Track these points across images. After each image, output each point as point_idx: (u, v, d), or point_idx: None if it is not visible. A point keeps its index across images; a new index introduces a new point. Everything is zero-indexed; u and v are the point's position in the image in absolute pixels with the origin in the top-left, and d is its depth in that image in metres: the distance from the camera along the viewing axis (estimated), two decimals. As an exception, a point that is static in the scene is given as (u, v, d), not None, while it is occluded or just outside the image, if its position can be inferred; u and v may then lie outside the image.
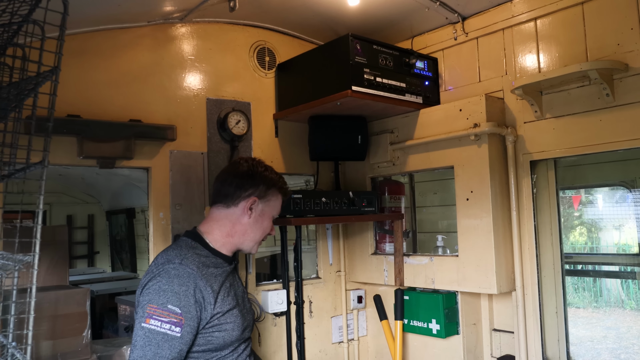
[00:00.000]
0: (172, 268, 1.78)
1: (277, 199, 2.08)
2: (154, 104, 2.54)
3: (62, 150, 2.25)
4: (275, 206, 2.08)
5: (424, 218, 3.74)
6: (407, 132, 2.85)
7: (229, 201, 1.99)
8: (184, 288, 1.74)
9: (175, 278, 1.76)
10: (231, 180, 2.01)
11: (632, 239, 7.47)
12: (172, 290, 1.73)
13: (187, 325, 1.72)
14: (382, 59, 2.61)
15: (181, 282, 1.75)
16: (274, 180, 2.06)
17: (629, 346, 7.01)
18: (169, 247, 1.98)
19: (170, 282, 1.75)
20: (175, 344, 1.70)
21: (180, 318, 1.71)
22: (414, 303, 2.83)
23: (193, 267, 1.80)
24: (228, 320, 1.86)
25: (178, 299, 1.72)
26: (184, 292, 1.74)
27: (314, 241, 3.27)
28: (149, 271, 1.85)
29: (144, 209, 5.82)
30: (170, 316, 1.70)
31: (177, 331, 1.70)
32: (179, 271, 1.77)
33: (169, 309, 1.71)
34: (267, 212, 2.05)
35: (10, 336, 1.60)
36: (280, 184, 2.09)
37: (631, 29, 2.19)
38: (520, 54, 2.57)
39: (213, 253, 1.96)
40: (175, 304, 1.71)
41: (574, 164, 3.66)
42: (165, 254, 1.89)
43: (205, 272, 1.84)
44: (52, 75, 1.40)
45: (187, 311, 1.73)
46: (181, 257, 1.83)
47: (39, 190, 1.44)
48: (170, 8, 2.53)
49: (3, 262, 1.60)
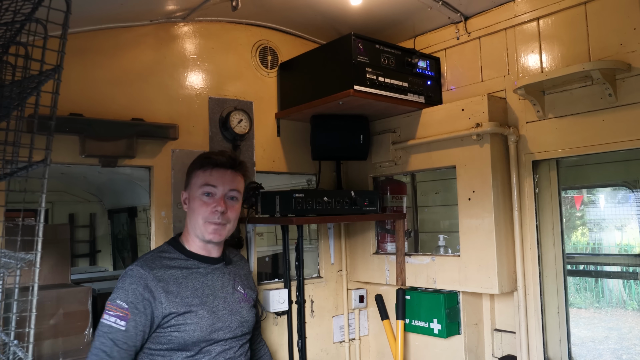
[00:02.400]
0: (129, 269, 1.91)
1: (196, 176, 2.03)
2: (156, 102, 2.54)
3: (65, 148, 2.26)
4: (196, 184, 2.02)
5: (426, 218, 3.74)
6: (409, 132, 2.84)
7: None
8: (134, 286, 1.86)
9: (127, 277, 1.89)
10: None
11: (634, 240, 7.45)
12: (122, 288, 1.86)
13: (132, 320, 1.82)
14: (384, 58, 2.61)
15: (131, 281, 1.87)
16: (191, 165, 2.09)
17: (631, 347, 6.99)
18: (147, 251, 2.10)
19: (123, 280, 1.88)
20: (119, 336, 1.80)
21: (126, 313, 1.82)
22: (415, 303, 2.83)
23: (146, 269, 1.90)
24: (187, 322, 1.88)
25: (126, 296, 1.84)
26: (133, 289, 1.85)
27: (315, 240, 3.27)
28: None
29: (145, 207, 5.81)
30: (117, 310, 1.82)
31: (122, 325, 1.81)
32: (133, 272, 1.89)
33: (117, 303, 1.83)
34: (192, 194, 2.03)
35: (12, 334, 1.61)
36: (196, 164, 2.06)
37: (634, 29, 2.18)
38: (523, 53, 2.57)
39: (187, 255, 2.03)
40: (123, 299, 1.83)
41: (576, 164, 3.65)
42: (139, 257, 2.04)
43: (162, 273, 1.92)
44: (55, 74, 1.40)
45: (133, 307, 1.83)
46: (142, 260, 1.95)
47: (41, 188, 1.45)
48: (173, 7, 2.53)
49: (5, 260, 1.60)
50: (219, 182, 2.01)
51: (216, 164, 2.02)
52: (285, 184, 3.46)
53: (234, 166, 2.05)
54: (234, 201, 2.06)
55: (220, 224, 2.00)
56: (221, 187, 2.01)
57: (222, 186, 2.02)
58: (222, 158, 2.04)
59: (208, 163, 2.02)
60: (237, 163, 2.07)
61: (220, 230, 2.01)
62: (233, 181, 2.04)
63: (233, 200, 2.05)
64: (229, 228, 2.05)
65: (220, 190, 2.01)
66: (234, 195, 2.05)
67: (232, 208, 2.04)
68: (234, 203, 2.06)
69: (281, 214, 2.53)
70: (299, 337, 2.84)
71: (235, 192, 2.05)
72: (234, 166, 2.05)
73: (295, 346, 2.83)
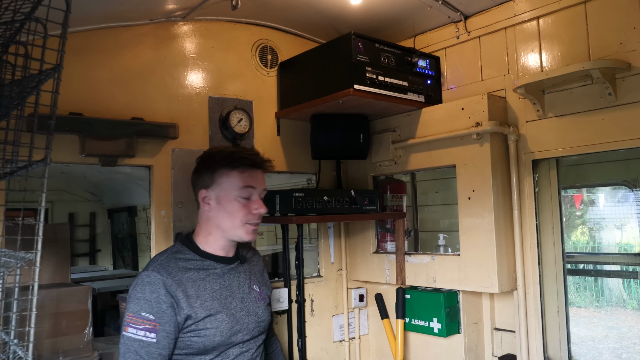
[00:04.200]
0: (145, 275, 1.81)
1: (229, 176, 1.91)
2: (156, 102, 2.54)
3: (64, 148, 2.26)
4: (231, 185, 1.90)
5: (426, 217, 3.74)
6: (409, 131, 2.84)
7: (196, 202, 2.00)
8: (155, 295, 1.77)
9: (147, 285, 1.79)
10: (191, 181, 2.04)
11: (633, 239, 7.45)
12: (144, 298, 1.77)
13: (162, 331, 1.75)
14: (384, 57, 2.61)
15: (152, 289, 1.78)
16: (216, 162, 1.93)
17: (631, 346, 6.99)
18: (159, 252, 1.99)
19: (143, 289, 1.78)
20: (152, 349, 1.74)
21: (155, 324, 1.74)
22: (415, 302, 2.84)
23: (164, 273, 1.81)
24: (208, 326, 1.83)
25: (150, 306, 1.75)
26: (155, 298, 1.77)
27: (315, 240, 3.27)
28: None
29: (145, 207, 5.82)
30: (144, 323, 1.74)
31: (153, 337, 1.74)
32: (150, 278, 1.79)
33: (143, 316, 1.75)
34: (224, 195, 1.91)
35: (12, 333, 1.61)
36: (224, 162, 1.92)
37: (634, 28, 2.18)
38: (523, 52, 2.57)
39: (202, 256, 1.94)
40: (148, 310, 1.75)
41: (576, 163, 3.65)
42: (151, 259, 1.93)
43: (180, 277, 1.83)
44: (55, 73, 1.40)
45: (160, 317, 1.75)
46: (157, 263, 1.85)
47: (41, 188, 1.45)
48: (173, 6, 2.53)
49: (5, 260, 1.60)
50: (256, 183, 1.95)
51: (254, 164, 1.95)
52: (285, 183, 3.46)
53: (264, 165, 2.00)
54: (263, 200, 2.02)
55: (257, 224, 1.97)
56: (258, 187, 1.95)
57: (259, 187, 1.96)
58: (258, 158, 1.97)
59: (244, 163, 1.92)
60: (266, 161, 2.02)
61: (256, 230, 1.98)
62: (264, 180, 2.00)
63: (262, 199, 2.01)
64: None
65: (257, 191, 1.95)
66: (265, 195, 2.01)
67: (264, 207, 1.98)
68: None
69: (281, 213, 2.52)
70: (298, 336, 2.84)
71: (266, 191, 2.01)
72: (264, 165, 2.00)
73: (295, 345, 2.83)
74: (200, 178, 1.97)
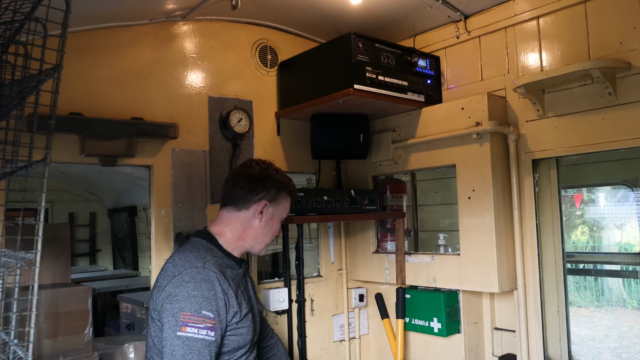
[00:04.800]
0: (197, 272, 1.77)
1: (287, 201, 2.08)
2: (156, 102, 2.54)
3: (64, 148, 2.26)
4: (285, 209, 2.08)
5: (426, 217, 3.74)
6: (409, 131, 2.84)
7: (240, 204, 1.98)
8: (212, 292, 1.75)
9: (203, 282, 1.75)
10: (242, 183, 1.98)
11: (633, 238, 7.46)
12: (202, 296, 1.73)
13: (219, 329, 1.75)
14: (384, 57, 2.61)
15: (209, 286, 1.75)
16: (285, 183, 2.05)
17: (631, 345, 6.99)
18: (184, 249, 1.91)
19: (199, 287, 1.74)
20: (213, 348, 1.72)
21: (214, 322, 1.73)
22: (415, 302, 2.83)
23: (216, 270, 1.79)
24: (244, 325, 1.85)
25: (209, 304, 1.73)
26: (213, 296, 1.75)
27: (315, 239, 3.27)
28: (168, 274, 1.81)
29: (145, 207, 5.82)
30: (205, 322, 1.71)
31: (212, 335, 1.72)
32: (204, 275, 1.77)
33: (204, 314, 1.71)
34: (277, 215, 2.04)
35: (12, 333, 1.61)
36: (290, 187, 2.08)
37: (634, 28, 2.18)
38: (523, 52, 2.57)
39: (226, 255, 1.95)
40: (208, 309, 1.72)
41: (576, 163, 3.65)
42: (183, 255, 1.86)
43: (225, 275, 1.83)
44: (54, 73, 1.40)
45: (218, 315, 1.75)
46: (203, 259, 1.82)
47: (41, 188, 1.44)
48: (173, 6, 2.52)
49: (5, 260, 1.60)
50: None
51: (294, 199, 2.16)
52: (285, 183, 3.46)
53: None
54: None
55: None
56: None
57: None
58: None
59: (294, 196, 2.13)
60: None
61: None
62: None
63: None
64: None
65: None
66: None
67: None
68: None
69: (282, 215, 2.53)
70: (299, 336, 2.85)
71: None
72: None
73: (295, 345, 2.83)
74: (265, 189, 1.99)
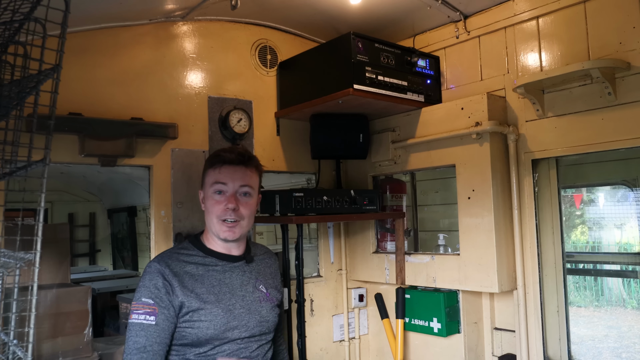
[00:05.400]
0: (147, 266, 1.93)
1: (207, 174, 2.00)
2: (155, 102, 2.54)
3: (64, 148, 2.26)
4: (208, 182, 1.99)
5: (426, 217, 3.74)
6: (409, 131, 2.84)
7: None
8: (154, 281, 1.87)
9: (146, 274, 1.90)
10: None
11: (633, 238, 7.45)
12: (144, 285, 1.87)
13: (161, 314, 1.83)
14: (383, 57, 2.61)
15: (151, 277, 1.88)
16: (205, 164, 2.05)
17: (631, 345, 6.99)
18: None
19: (144, 278, 1.89)
20: (151, 330, 1.81)
21: (154, 308, 1.82)
22: (415, 302, 2.83)
23: (162, 264, 1.90)
24: (202, 319, 1.86)
25: (149, 291, 1.85)
26: (154, 284, 1.86)
27: (315, 239, 3.27)
28: None
29: (145, 207, 5.81)
30: (144, 307, 1.82)
31: (152, 320, 1.81)
32: (151, 267, 1.91)
33: (143, 301, 1.84)
34: (205, 193, 1.99)
35: (11, 334, 1.61)
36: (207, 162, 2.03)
37: (633, 28, 2.18)
38: (522, 52, 2.57)
39: (206, 253, 2.00)
40: (147, 295, 1.84)
41: (575, 163, 3.65)
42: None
43: (179, 269, 1.91)
44: (54, 73, 1.40)
45: (159, 300, 1.84)
46: (159, 256, 1.97)
47: (40, 188, 1.44)
48: (172, 6, 2.52)
49: (5, 260, 1.60)
50: (228, 179, 1.96)
51: (225, 161, 1.97)
52: (284, 183, 3.46)
53: (243, 162, 1.99)
54: (247, 197, 1.99)
55: (234, 221, 1.95)
56: (231, 183, 1.96)
57: (232, 183, 1.96)
58: (230, 155, 1.99)
59: (218, 161, 1.98)
60: (246, 158, 2.00)
61: (234, 228, 1.95)
62: (244, 177, 1.98)
63: (246, 196, 1.98)
64: (244, 225, 1.99)
65: (230, 187, 1.96)
66: (246, 191, 1.98)
67: (246, 204, 1.97)
68: (247, 199, 1.99)
69: (281, 213, 2.52)
70: (298, 336, 2.84)
71: (247, 187, 1.98)
72: (243, 162, 1.99)
73: (295, 345, 2.83)
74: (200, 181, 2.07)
